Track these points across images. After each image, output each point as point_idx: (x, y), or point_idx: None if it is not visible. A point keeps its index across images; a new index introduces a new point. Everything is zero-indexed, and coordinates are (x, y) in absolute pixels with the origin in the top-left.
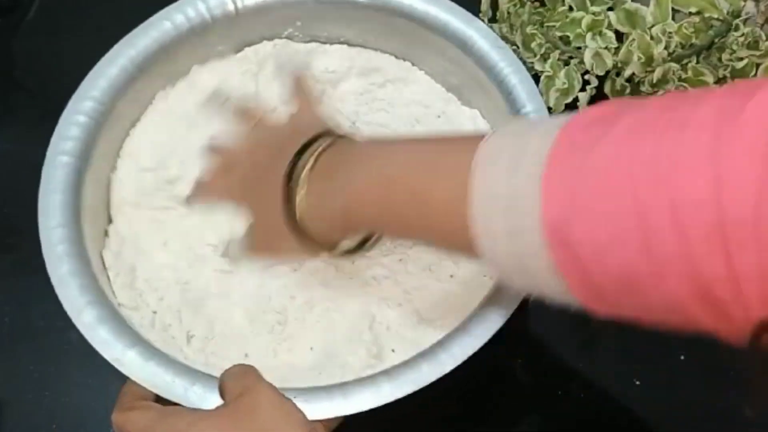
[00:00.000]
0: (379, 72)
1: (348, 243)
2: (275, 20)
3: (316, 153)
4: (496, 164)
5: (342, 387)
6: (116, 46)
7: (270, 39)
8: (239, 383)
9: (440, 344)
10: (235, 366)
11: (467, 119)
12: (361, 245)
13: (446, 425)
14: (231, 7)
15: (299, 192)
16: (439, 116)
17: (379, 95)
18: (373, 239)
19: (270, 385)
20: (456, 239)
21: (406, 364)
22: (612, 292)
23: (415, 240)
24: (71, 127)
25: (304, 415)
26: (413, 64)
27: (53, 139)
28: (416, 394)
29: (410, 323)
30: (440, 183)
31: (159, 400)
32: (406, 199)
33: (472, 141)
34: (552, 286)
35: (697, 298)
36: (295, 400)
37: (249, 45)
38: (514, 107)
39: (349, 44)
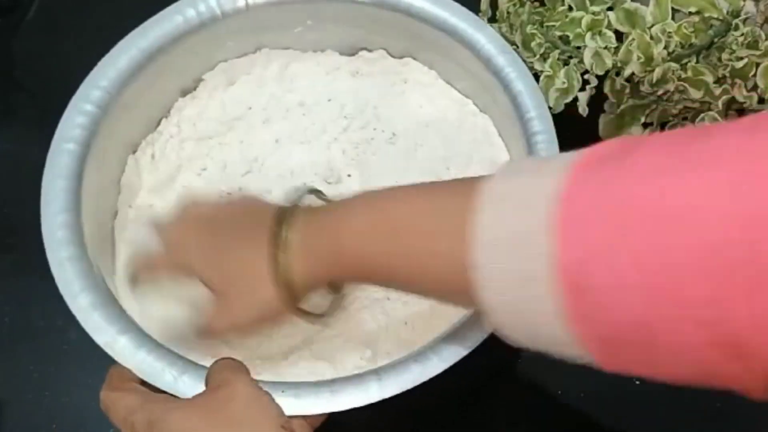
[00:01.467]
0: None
1: (318, 299)
2: (286, 17)
3: (302, 211)
4: (501, 206)
5: (331, 384)
6: (127, 37)
7: (282, 34)
8: (219, 375)
9: (430, 347)
10: (221, 358)
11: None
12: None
13: (445, 424)
14: (242, 2)
15: (285, 240)
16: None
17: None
18: (340, 297)
19: (249, 378)
20: (455, 288)
21: (395, 365)
22: (625, 340)
23: (409, 289)
24: (78, 115)
25: (279, 410)
26: (424, 65)
27: (60, 126)
28: (416, 392)
29: (403, 327)
30: (440, 227)
31: (144, 383)
32: (404, 242)
33: (471, 184)
34: (560, 336)
35: (715, 344)
36: (283, 395)
37: (260, 43)
38: (518, 112)
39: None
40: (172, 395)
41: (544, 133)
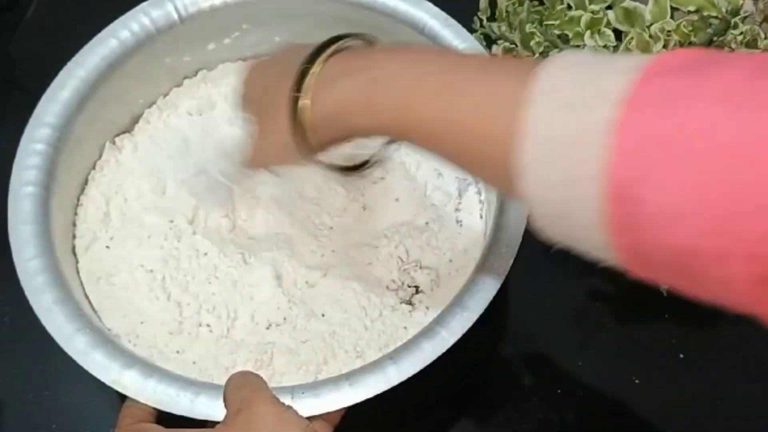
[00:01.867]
0: None
1: (343, 153)
2: (221, 24)
3: (335, 46)
4: (557, 101)
5: (348, 377)
6: (65, 69)
7: (217, 43)
8: (238, 397)
9: (437, 321)
10: (236, 374)
11: None
12: (356, 168)
13: (446, 425)
14: (175, 16)
15: (311, 74)
16: None
17: None
18: (370, 162)
19: (268, 395)
20: (496, 170)
21: (407, 346)
22: (662, 260)
23: (437, 150)
24: (30, 156)
25: (303, 421)
26: None
27: (14, 170)
28: (415, 394)
29: (395, 317)
30: (492, 105)
31: (160, 419)
32: (451, 108)
33: (529, 66)
34: (594, 240)
35: (761, 281)
36: (302, 396)
37: (197, 54)
38: None
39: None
40: (189, 426)
41: None
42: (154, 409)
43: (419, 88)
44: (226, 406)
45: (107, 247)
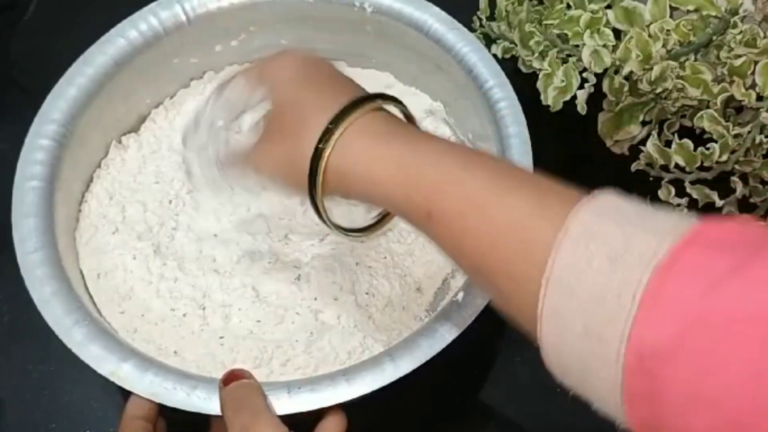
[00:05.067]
0: None
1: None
2: (228, 26)
3: (371, 105)
4: (588, 250)
5: (345, 373)
6: (73, 66)
7: (224, 45)
8: (238, 421)
9: (436, 319)
10: (232, 388)
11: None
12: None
13: (446, 425)
14: (183, 17)
15: (339, 128)
16: None
17: None
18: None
19: (269, 420)
20: (514, 298)
21: (405, 343)
22: None
23: (458, 247)
24: (36, 151)
25: None
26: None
27: (19, 164)
28: (414, 392)
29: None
30: (524, 240)
31: (162, 414)
32: (480, 207)
33: (566, 202)
34: (609, 403)
35: None
36: (299, 391)
37: (205, 56)
38: (477, 84)
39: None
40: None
41: (506, 99)
42: (154, 406)
43: (461, 183)
44: (222, 412)
45: (109, 242)
